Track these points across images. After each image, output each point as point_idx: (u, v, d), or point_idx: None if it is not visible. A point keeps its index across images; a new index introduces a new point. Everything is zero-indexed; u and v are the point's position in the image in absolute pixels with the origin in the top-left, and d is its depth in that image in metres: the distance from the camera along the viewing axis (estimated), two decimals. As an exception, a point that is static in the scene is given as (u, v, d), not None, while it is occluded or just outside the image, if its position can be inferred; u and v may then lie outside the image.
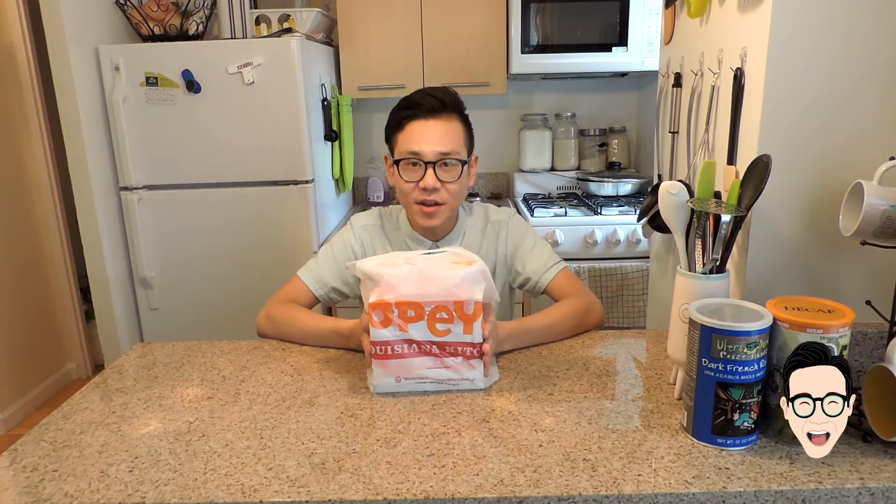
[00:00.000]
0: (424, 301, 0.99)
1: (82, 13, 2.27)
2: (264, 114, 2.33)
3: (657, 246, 1.70)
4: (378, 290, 1.00)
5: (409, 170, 1.31)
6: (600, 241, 2.57)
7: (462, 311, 1.00)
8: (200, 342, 1.27)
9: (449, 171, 1.31)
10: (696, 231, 0.98)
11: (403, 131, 1.31)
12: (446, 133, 1.30)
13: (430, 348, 1.01)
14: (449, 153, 1.29)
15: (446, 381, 1.03)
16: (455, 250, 1.10)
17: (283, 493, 0.78)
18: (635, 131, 3.22)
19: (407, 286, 1.00)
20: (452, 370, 1.02)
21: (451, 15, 2.74)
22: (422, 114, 1.30)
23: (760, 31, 1.01)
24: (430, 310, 0.99)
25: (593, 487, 0.77)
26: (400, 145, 1.32)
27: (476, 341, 1.01)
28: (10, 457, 0.88)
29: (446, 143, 1.29)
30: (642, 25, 2.63)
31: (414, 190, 1.31)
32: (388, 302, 0.99)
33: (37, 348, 2.96)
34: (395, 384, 1.02)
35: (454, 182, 1.31)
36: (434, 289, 1.00)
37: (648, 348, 1.21)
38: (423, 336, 1.00)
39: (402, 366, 1.01)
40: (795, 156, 1.02)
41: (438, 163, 1.29)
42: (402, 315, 0.99)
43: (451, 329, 1.00)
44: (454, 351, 1.01)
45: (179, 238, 2.44)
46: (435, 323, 1.00)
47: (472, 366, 1.03)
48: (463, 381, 1.03)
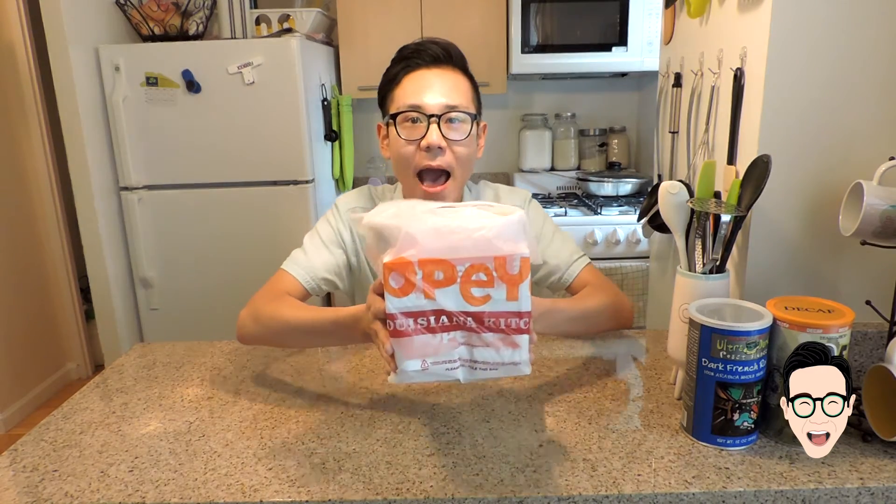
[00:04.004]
0: (456, 258, 0.74)
1: (82, 13, 2.28)
2: (264, 114, 2.34)
3: (657, 246, 1.70)
4: (395, 247, 0.75)
5: (409, 127, 1.08)
6: (600, 241, 2.57)
7: (505, 269, 0.75)
8: (200, 342, 1.27)
9: (457, 128, 1.08)
10: (696, 231, 0.98)
11: (401, 85, 1.10)
12: (454, 85, 1.09)
13: (465, 321, 0.76)
14: (456, 106, 1.08)
15: (484, 364, 0.79)
16: (484, 202, 0.84)
17: (283, 493, 0.78)
18: (635, 131, 3.22)
19: (432, 240, 0.75)
20: (493, 349, 0.78)
21: (451, 15, 2.74)
22: (423, 63, 1.10)
23: (760, 31, 1.01)
24: (464, 270, 0.75)
25: (593, 487, 0.77)
26: (397, 99, 1.10)
27: (523, 310, 0.76)
28: (10, 457, 0.88)
29: (453, 96, 1.08)
30: (642, 25, 2.64)
31: (415, 154, 1.08)
32: (408, 261, 0.74)
33: (37, 348, 2.96)
34: (420, 371, 0.78)
35: (462, 142, 1.09)
36: (468, 241, 0.75)
37: (648, 348, 1.21)
38: (455, 305, 0.75)
39: (430, 344, 0.77)
40: (795, 156, 1.02)
41: (443, 117, 1.07)
42: (428, 278, 0.74)
43: (492, 295, 0.75)
44: (495, 324, 0.76)
45: (179, 238, 2.44)
46: (470, 287, 0.75)
47: (518, 343, 0.77)
48: (504, 365, 0.78)
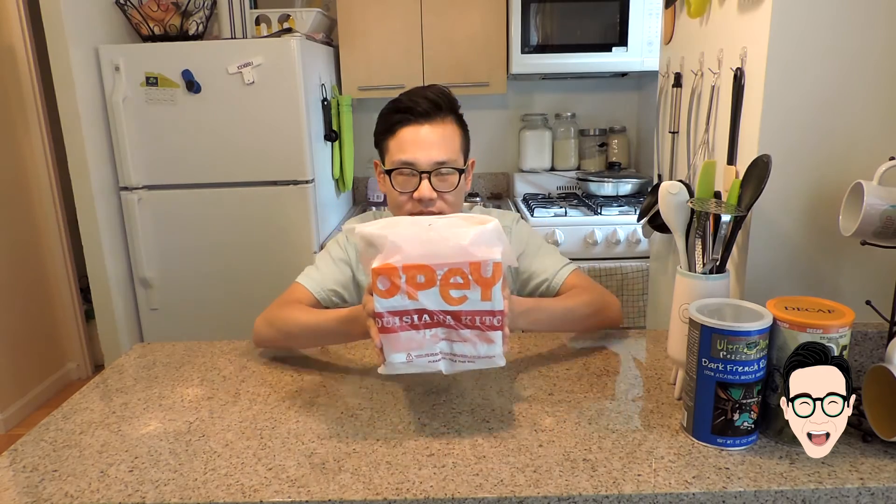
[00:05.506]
0: (436, 264, 0.87)
1: (82, 13, 2.27)
2: (264, 114, 2.33)
3: (657, 246, 1.70)
4: (382, 254, 0.88)
5: (403, 180, 1.22)
6: (600, 241, 2.57)
7: (479, 273, 0.87)
8: (200, 342, 1.27)
9: (445, 180, 1.22)
10: (696, 231, 0.98)
11: (395, 137, 1.23)
12: (441, 140, 1.22)
13: (444, 319, 0.88)
14: (445, 162, 1.21)
15: (462, 358, 0.91)
16: (464, 214, 0.97)
17: (283, 493, 0.78)
18: (635, 131, 3.22)
19: (414, 247, 0.87)
20: (469, 344, 0.90)
21: (451, 15, 2.74)
22: (414, 118, 1.21)
23: (760, 31, 1.01)
24: (443, 274, 0.87)
25: (593, 487, 0.77)
26: (392, 153, 1.23)
27: (497, 308, 0.89)
28: (10, 457, 0.88)
29: (442, 152, 1.21)
30: (642, 25, 2.64)
31: (408, 202, 1.22)
32: (393, 266, 0.86)
33: (37, 348, 2.96)
34: (405, 363, 0.90)
35: (450, 192, 1.23)
36: (446, 249, 0.87)
37: (648, 348, 1.21)
38: (435, 305, 0.88)
39: (414, 339, 0.89)
40: (795, 156, 1.02)
41: (434, 172, 1.21)
42: (411, 281, 0.87)
43: (468, 296, 0.88)
44: (471, 322, 0.89)
45: (179, 238, 2.44)
46: (448, 290, 0.87)
47: (492, 339, 0.90)
48: (480, 358, 0.91)
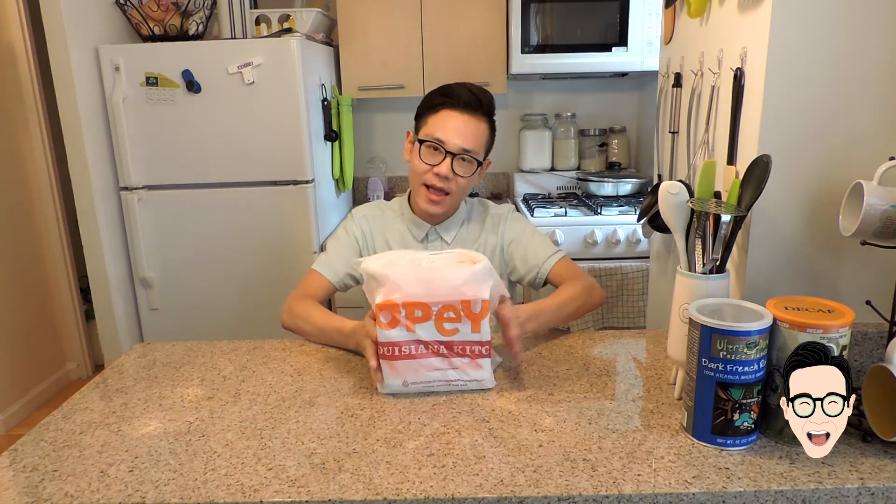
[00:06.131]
0: (431, 301, 0.99)
1: (82, 13, 2.27)
2: (264, 114, 2.33)
3: (657, 246, 1.70)
4: (384, 291, 1.00)
5: (430, 153, 1.36)
6: (600, 241, 2.57)
7: (469, 310, 0.99)
8: (200, 342, 1.27)
9: (465, 166, 1.37)
10: (696, 231, 0.98)
11: (437, 115, 1.37)
12: (474, 131, 1.36)
13: (439, 348, 1.01)
14: (470, 150, 1.36)
15: (454, 383, 1.03)
16: (460, 250, 1.12)
17: (283, 493, 0.78)
18: (635, 131, 3.22)
19: (413, 286, 1.00)
20: (461, 370, 1.02)
21: (451, 15, 2.74)
22: (458, 105, 1.36)
23: (760, 31, 1.01)
24: (438, 309, 0.99)
25: (593, 487, 0.77)
26: (429, 127, 1.37)
27: (484, 339, 1.01)
28: (10, 457, 0.88)
29: (471, 141, 1.36)
30: (642, 25, 2.63)
31: (427, 172, 1.37)
32: (395, 303, 0.98)
33: (37, 348, 2.96)
34: (402, 387, 1.02)
35: (465, 177, 1.38)
36: (441, 288, 0.99)
37: (648, 348, 1.21)
38: (431, 336, 1.00)
39: (411, 367, 1.01)
40: (795, 156, 1.02)
41: (458, 156, 1.35)
42: (410, 315, 0.99)
43: (459, 328, 1.00)
44: (462, 350, 1.01)
45: (179, 238, 2.44)
46: (442, 323, 1.00)
47: (480, 366, 1.02)
48: (471, 381, 1.03)
